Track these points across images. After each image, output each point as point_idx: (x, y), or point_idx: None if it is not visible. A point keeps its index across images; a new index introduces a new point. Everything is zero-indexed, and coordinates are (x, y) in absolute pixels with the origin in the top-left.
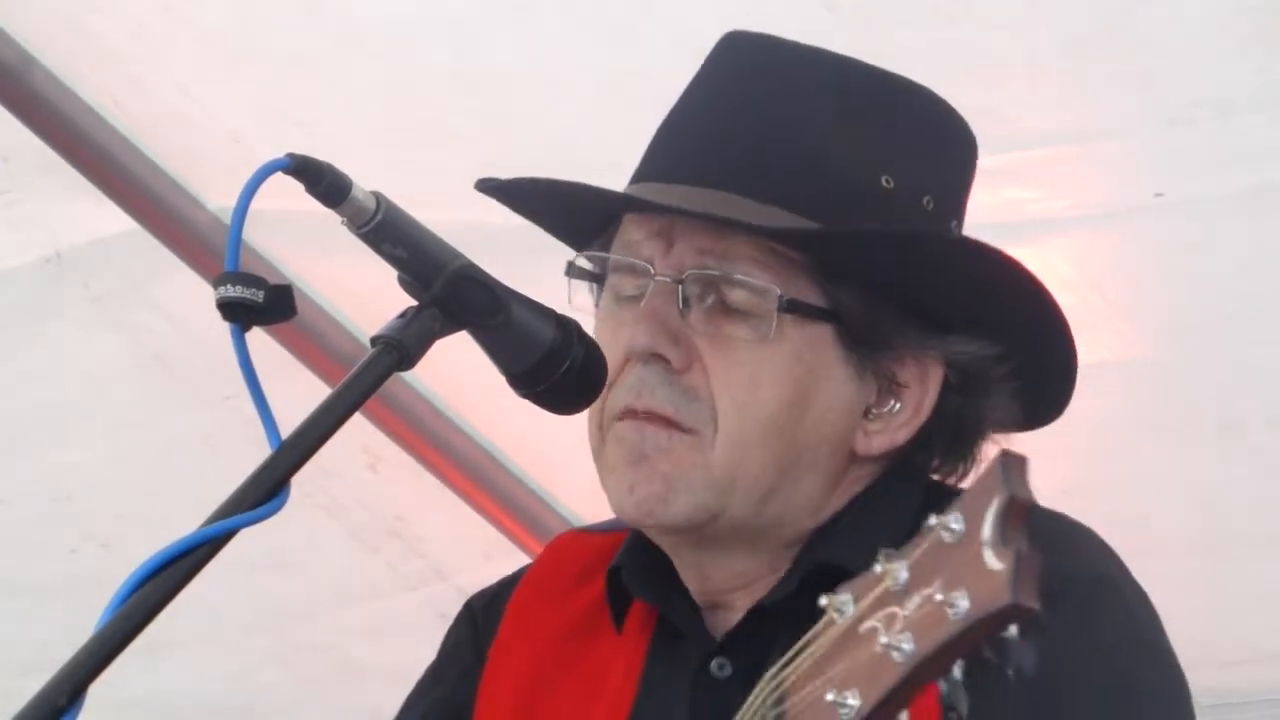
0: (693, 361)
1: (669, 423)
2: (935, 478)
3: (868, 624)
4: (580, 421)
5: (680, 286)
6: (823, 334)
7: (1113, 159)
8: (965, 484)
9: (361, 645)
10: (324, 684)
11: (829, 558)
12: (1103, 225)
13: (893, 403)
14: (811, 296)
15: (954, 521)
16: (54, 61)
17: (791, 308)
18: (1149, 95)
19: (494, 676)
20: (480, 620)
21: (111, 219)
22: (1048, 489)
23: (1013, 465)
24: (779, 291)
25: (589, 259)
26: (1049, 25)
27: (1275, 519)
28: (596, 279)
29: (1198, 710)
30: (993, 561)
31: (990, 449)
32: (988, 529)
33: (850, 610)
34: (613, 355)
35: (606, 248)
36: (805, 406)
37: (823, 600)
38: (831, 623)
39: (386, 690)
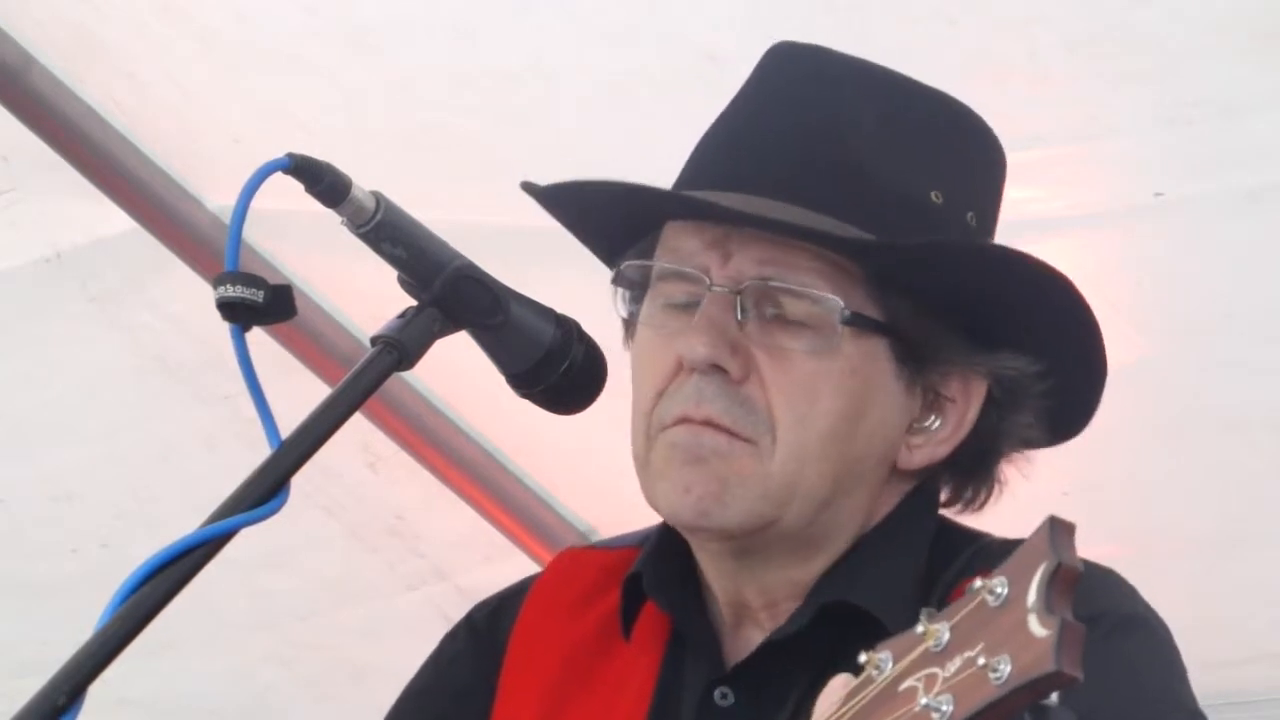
0: (750, 373)
1: (728, 432)
2: (941, 510)
3: (907, 683)
4: (580, 421)
5: (738, 297)
6: (878, 347)
7: (1113, 159)
8: (974, 508)
9: (361, 645)
10: (324, 684)
11: (842, 595)
12: (1103, 225)
13: (934, 418)
14: (870, 310)
15: (999, 585)
16: (54, 61)
17: (852, 321)
18: (1149, 95)
19: (512, 696)
20: (484, 636)
21: (111, 219)
22: (1048, 490)
23: (1060, 531)
24: (842, 304)
25: (638, 269)
26: (1049, 25)
27: (1275, 519)
28: (636, 286)
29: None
30: (1037, 628)
31: (1007, 469)
32: (1033, 595)
33: (889, 668)
34: (661, 363)
35: (647, 254)
36: (860, 420)
37: (862, 657)
38: (870, 680)
39: (386, 690)
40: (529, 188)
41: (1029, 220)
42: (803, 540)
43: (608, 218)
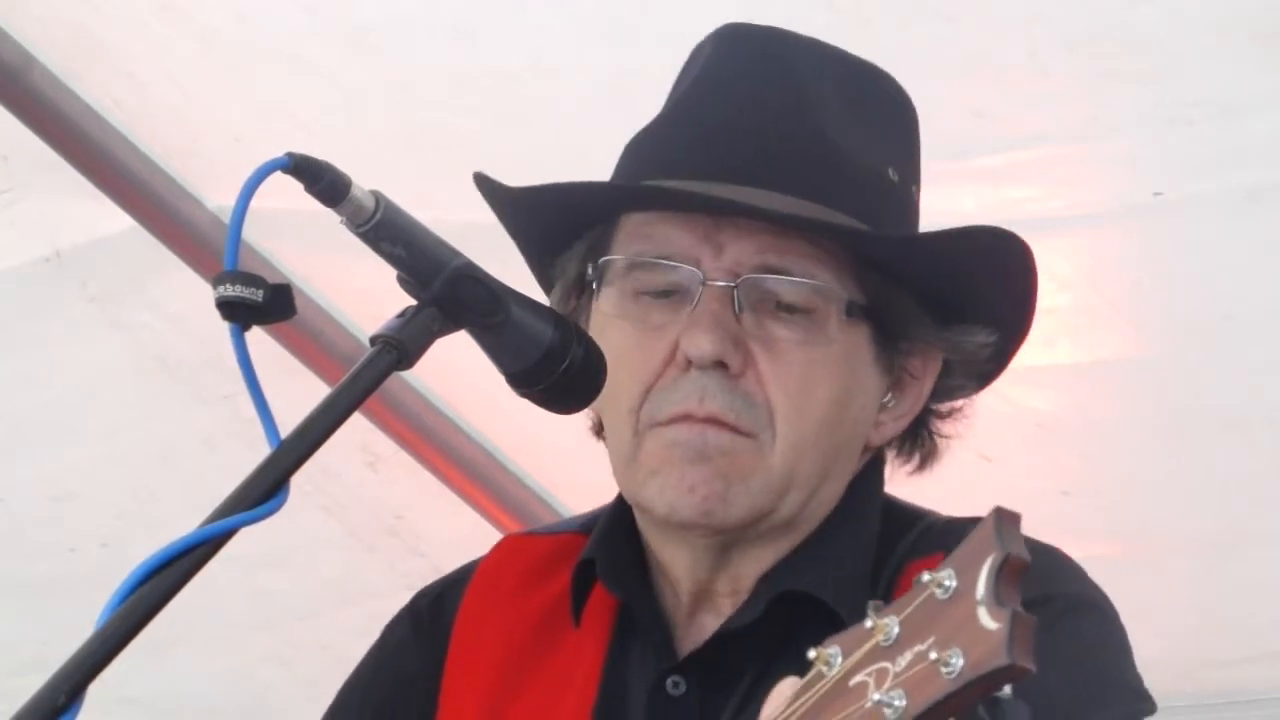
0: (747, 365)
1: (731, 428)
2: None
3: (857, 679)
4: (580, 420)
5: (735, 290)
6: (863, 333)
7: (1113, 159)
8: (929, 465)
9: (361, 645)
10: (324, 684)
11: (794, 584)
12: (1103, 225)
13: (894, 394)
14: (858, 295)
15: (947, 578)
16: (54, 61)
17: (851, 310)
18: (1149, 95)
19: (457, 681)
20: (428, 623)
21: (111, 218)
22: (1047, 489)
23: (1006, 523)
24: (845, 295)
25: (627, 263)
26: (1049, 25)
27: (1275, 518)
28: (594, 280)
29: (1200, 710)
30: (988, 621)
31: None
32: (982, 587)
33: (838, 664)
34: (648, 356)
35: (602, 246)
36: (848, 405)
37: (811, 653)
38: (820, 675)
39: None
40: (482, 181)
41: (1029, 220)
42: (788, 527)
43: (553, 216)
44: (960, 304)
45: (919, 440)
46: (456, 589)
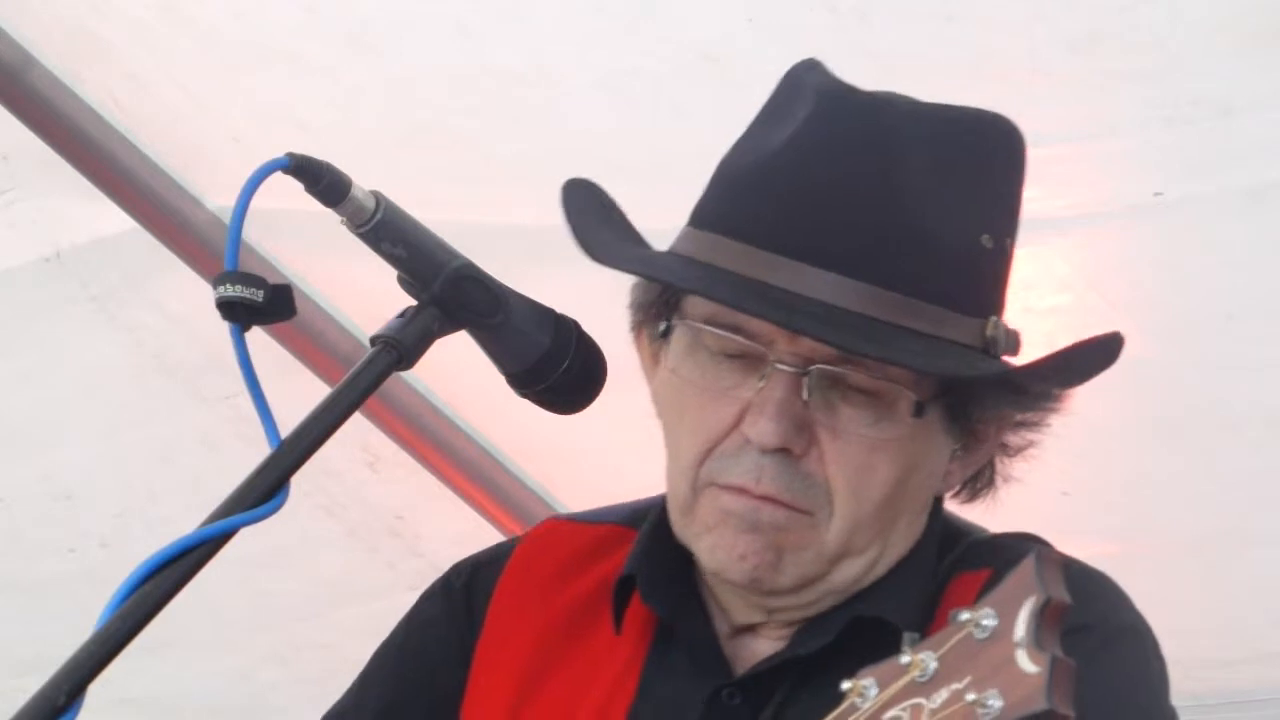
0: (810, 447)
1: (786, 506)
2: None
3: (891, 713)
4: (580, 421)
5: (805, 379)
6: (934, 412)
7: (1113, 159)
8: (983, 496)
9: (361, 645)
10: (324, 684)
11: (869, 610)
12: (1103, 225)
13: (962, 448)
14: (931, 389)
15: (986, 617)
16: (54, 61)
17: (918, 410)
18: (1149, 95)
19: (489, 662)
20: (461, 603)
21: (111, 219)
22: (1047, 489)
23: (1047, 565)
24: (915, 397)
25: (703, 333)
26: (1049, 25)
27: (1275, 518)
28: (656, 316)
29: (1200, 710)
30: (1027, 664)
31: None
32: (1021, 629)
33: (873, 695)
34: (712, 419)
35: (672, 299)
36: (910, 479)
37: (845, 684)
38: (853, 708)
39: None
40: (595, 250)
41: (1029, 220)
42: (842, 591)
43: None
44: (1034, 383)
45: (979, 477)
46: (493, 568)
